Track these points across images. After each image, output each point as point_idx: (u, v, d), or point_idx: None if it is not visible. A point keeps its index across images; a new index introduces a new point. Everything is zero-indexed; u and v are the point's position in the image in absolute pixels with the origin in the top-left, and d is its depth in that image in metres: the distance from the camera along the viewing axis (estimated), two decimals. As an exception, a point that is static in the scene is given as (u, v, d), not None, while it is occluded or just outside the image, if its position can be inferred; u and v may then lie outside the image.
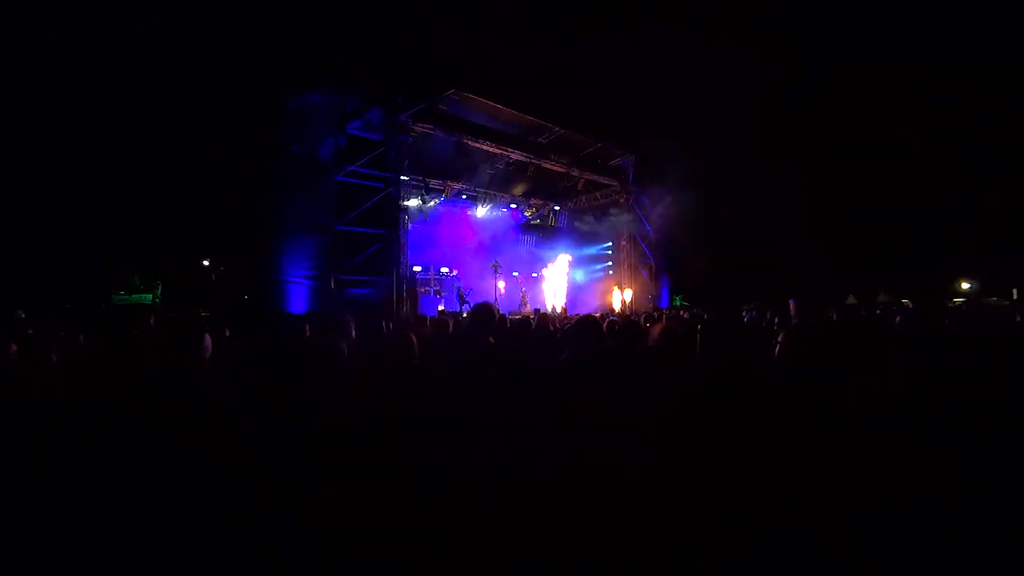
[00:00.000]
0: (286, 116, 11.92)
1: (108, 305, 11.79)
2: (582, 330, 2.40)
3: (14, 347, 1.81)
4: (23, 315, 7.17)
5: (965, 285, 20.14)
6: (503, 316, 6.11)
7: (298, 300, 11.84)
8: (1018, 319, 5.38)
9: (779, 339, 1.90)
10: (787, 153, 18.86)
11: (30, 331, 3.57)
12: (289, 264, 11.90)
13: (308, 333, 4.36)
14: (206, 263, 16.77)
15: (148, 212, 13.51)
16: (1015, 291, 16.50)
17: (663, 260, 19.10)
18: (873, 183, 19.57)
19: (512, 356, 2.52)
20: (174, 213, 13.82)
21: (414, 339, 2.61)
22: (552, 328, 5.14)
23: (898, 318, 3.50)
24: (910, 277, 19.17)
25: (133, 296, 12.40)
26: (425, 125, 12.91)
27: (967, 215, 18.78)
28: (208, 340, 2.12)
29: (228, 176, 12.91)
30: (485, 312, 2.55)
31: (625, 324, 3.85)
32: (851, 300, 17.83)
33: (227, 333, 5.04)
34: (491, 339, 2.52)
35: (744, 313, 5.90)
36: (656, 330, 2.30)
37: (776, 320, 3.15)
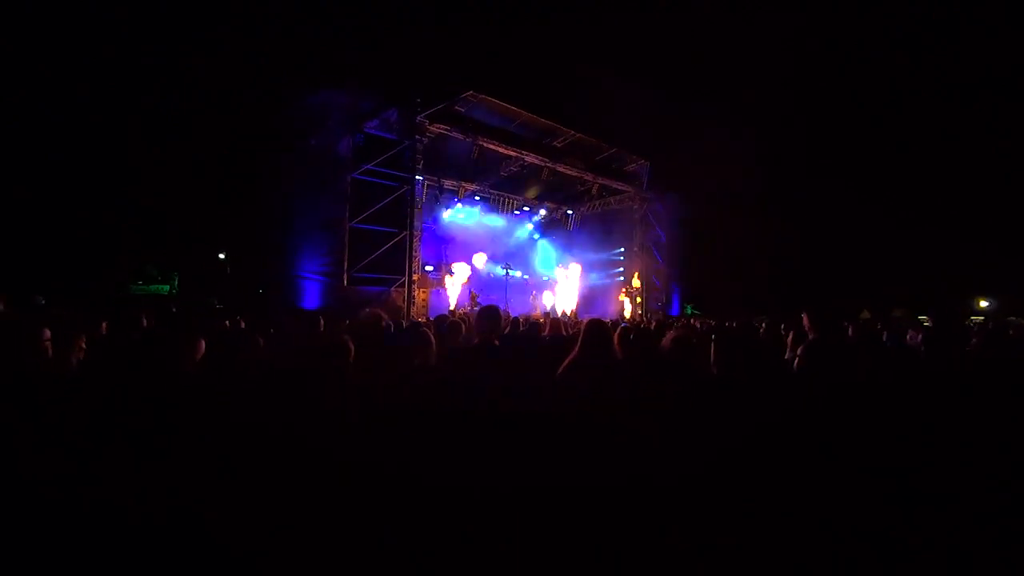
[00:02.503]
0: (305, 113, 12.05)
1: (127, 294, 11.98)
2: (590, 337, 2.37)
3: (47, 332, 1.86)
4: (43, 301, 7.26)
5: (984, 304, 19.75)
6: (515, 319, 6.13)
7: (311, 295, 11.94)
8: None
9: (798, 353, 1.90)
10: (804, 165, 18.69)
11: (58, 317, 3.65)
12: (303, 259, 12.01)
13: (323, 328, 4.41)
14: (222, 256, 16.99)
15: (166, 203, 13.73)
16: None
17: (675, 268, 19.00)
18: (890, 198, 19.31)
19: (519, 360, 2.53)
20: (192, 205, 14.02)
21: (432, 339, 2.63)
22: (564, 332, 5.14)
23: (920, 336, 3.45)
24: (926, 292, 18.86)
25: (151, 286, 12.59)
26: (441, 126, 12.98)
27: (986, 232, 18.44)
28: (203, 345, 2.15)
29: (246, 170, 13.07)
30: (492, 315, 2.56)
31: (639, 332, 3.85)
32: (865, 314, 17.58)
33: (241, 325, 5.12)
34: (496, 341, 2.53)
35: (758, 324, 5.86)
36: (669, 337, 2.29)
37: (792, 333, 3.13)
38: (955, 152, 18.18)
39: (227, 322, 4.44)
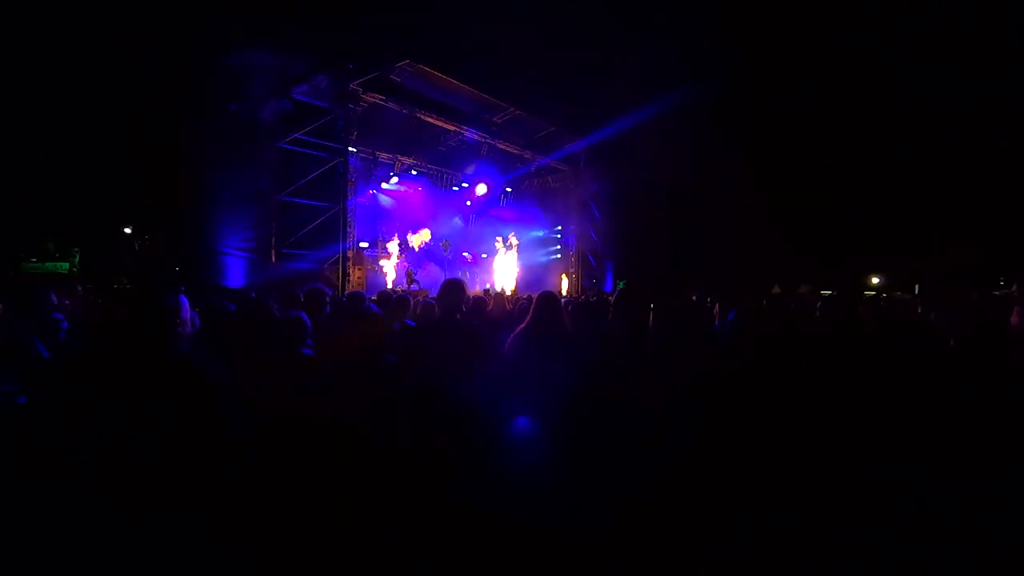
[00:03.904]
0: (223, 75, 11.03)
1: (18, 274, 10.56)
2: (543, 306, 2.43)
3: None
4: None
5: (875, 280, 22.36)
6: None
7: (235, 273, 11.20)
8: (919, 310, 6.10)
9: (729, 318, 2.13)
10: (723, 149, 19.80)
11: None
12: (225, 234, 11.19)
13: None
14: (128, 230, 15.40)
15: (64, 171, 12.15)
16: (917, 286, 18.51)
17: (609, 246, 19.71)
18: (799, 183, 21.07)
19: (481, 334, 2.57)
20: (95, 173, 12.50)
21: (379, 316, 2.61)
22: (507, 307, 5.24)
23: (818, 304, 3.97)
24: (828, 270, 20.94)
25: (47, 264, 11.18)
26: (376, 95, 12.43)
27: (878, 214, 20.76)
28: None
29: (156, 134, 11.84)
30: (456, 288, 2.54)
31: (579, 306, 4.01)
32: (776, 290, 19.23)
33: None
34: (458, 316, 2.54)
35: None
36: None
37: (718, 304, 3.45)
38: (849, 143, 20.12)
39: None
